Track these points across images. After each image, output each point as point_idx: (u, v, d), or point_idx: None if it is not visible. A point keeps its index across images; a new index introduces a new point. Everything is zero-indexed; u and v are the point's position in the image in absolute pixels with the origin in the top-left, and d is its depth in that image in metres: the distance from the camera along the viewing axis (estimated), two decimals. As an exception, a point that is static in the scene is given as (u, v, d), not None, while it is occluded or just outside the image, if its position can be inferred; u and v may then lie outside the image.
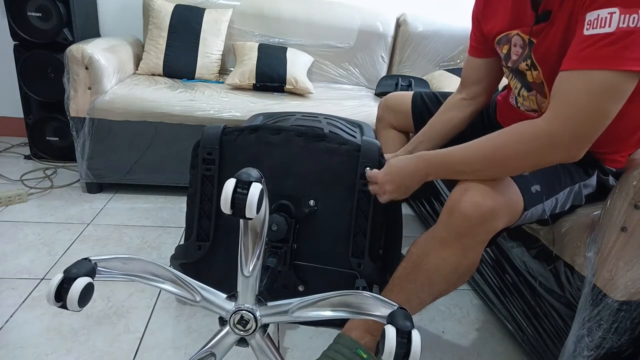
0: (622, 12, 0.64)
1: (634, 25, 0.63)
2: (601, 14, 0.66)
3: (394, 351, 0.57)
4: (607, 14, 0.65)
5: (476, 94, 1.09)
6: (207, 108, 1.68)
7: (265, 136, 1.04)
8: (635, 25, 0.63)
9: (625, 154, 0.94)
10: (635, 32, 0.63)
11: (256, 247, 0.71)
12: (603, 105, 0.68)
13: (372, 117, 1.52)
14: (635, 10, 0.63)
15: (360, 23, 2.21)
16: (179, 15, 1.98)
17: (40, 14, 1.83)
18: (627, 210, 0.76)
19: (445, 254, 0.82)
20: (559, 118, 0.70)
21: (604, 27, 0.66)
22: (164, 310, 1.16)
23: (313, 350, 1.07)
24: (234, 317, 0.74)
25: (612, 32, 0.65)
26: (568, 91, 0.70)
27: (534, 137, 0.73)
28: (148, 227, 1.58)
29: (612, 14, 0.65)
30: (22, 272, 1.25)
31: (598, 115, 0.69)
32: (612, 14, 0.65)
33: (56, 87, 1.81)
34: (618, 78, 0.66)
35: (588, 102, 0.68)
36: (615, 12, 0.64)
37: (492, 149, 0.77)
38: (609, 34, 0.65)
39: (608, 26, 0.65)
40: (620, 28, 0.64)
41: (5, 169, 1.94)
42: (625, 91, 0.67)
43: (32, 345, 1.00)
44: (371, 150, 1.02)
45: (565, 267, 0.90)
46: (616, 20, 0.64)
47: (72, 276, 0.62)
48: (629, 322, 0.82)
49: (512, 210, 0.80)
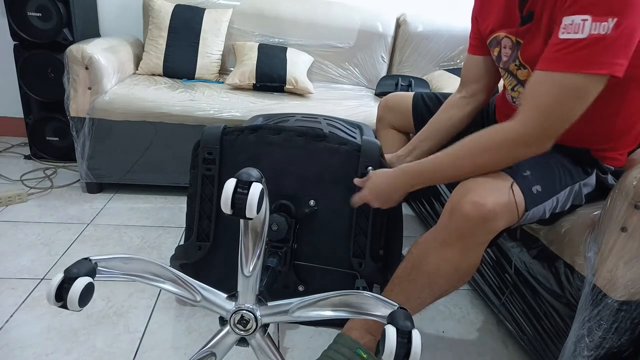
0: (594, 19, 0.68)
1: (604, 32, 0.67)
2: (575, 20, 0.69)
3: (394, 351, 0.57)
4: (581, 21, 0.69)
5: (476, 92, 1.10)
6: (207, 108, 1.68)
7: (265, 136, 1.04)
8: (605, 32, 0.67)
9: (624, 152, 0.94)
10: (605, 38, 0.67)
11: (256, 247, 0.72)
12: (569, 105, 0.72)
13: (372, 117, 1.52)
14: (605, 18, 0.67)
15: (360, 23, 2.21)
16: (179, 15, 1.98)
17: (40, 14, 1.83)
18: (627, 210, 0.76)
19: (446, 254, 0.82)
20: (529, 118, 0.75)
21: (577, 32, 0.69)
22: (164, 310, 1.16)
23: (313, 350, 1.07)
24: (234, 317, 0.74)
25: (584, 37, 0.69)
26: (538, 91, 0.75)
27: (507, 141, 0.78)
28: (148, 227, 1.57)
29: (585, 21, 0.68)
30: (22, 272, 1.25)
31: (564, 115, 0.73)
32: (585, 21, 0.68)
33: (56, 87, 1.80)
34: (585, 81, 0.70)
35: (555, 102, 0.73)
36: (588, 19, 0.68)
37: (468, 157, 0.83)
38: (580, 40, 0.69)
39: (581, 32, 0.69)
40: (591, 34, 0.68)
41: (5, 169, 1.94)
42: (591, 93, 0.72)
43: (32, 345, 1.00)
44: (371, 150, 1.02)
45: (565, 267, 0.90)
46: (588, 27, 0.68)
47: (72, 276, 0.62)
48: (629, 322, 0.82)
49: (512, 210, 0.80)
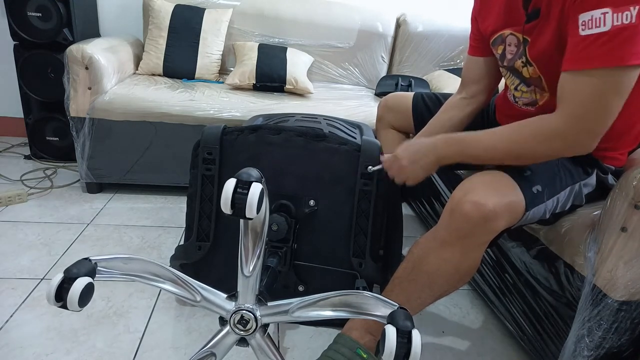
0: (615, 10, 0.66)
1: (627, 21, 0.66)
2: (595, 14, 0.68)
3: (394, 351, 0.57)
4: (601, 14, 0.68)
5: (476, 92, 1.09)
6: (207, 108, 1.68)
7: (265, 136, 1.04)
8: (629, 22, 0.66)
9: (624, 152, 0.94)
10: (629, 27, 0.66)
11: (256, 247, 0.72)
12: (607, 101, 0.71)
13: (372, 117, 1.51)
14: (627, 7, 0.66)
15: (360, 23, 2.21)
16: (179, 15, 1.98)
17: (40, 14, 1.83)
18: (627, 210, 0.76)
19: (447, 254, 0.82)
20: (569, 118, 0.74)
21: (599, 26, 0.68)
22: (164, 310, 1.16)
23: (313, 350, 1.07)
24: (234, 317, 0.74)
25: (608, 30, 0.67)
26: (573, 91, 0.74)
27: (549, 137, 0.77)
28: (148, 227, 1.57)
29: (605, 14, 0.67)
30: (22, 272, 1.25)
31: (604, 111, 0.72)
32: (605, 14, 0.67)
33: (56, 87, 1.80)
34: (618, 73, 0.69)
35: (593, 100, 0.71)
36: (608, 12, 0.67)
37: (509, 143, 0.81)
38: (604, 33, 0.68)
39: (603, 25, 0.68)
40: (615, 26, 0.67)
41: (5, 169, 1.94)
42: (627, 85, 0.70)
43: (32, 345, 1.00)
44: (371, 150, 1.02)
45: (565, 267, 0.90)
46: (610, 19, 0.67)
47: (72, 276, 0.62)
48: (629, 322, 0.82)
49: (513, 211, 0.80)
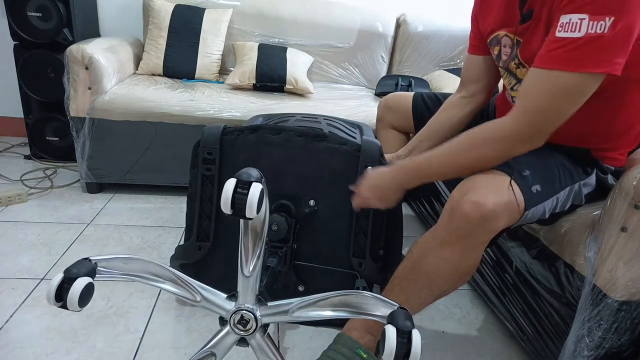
0: (591, 18, 0.67)
1: (601, 31, 0.67)
2: (573, 18, 0.69)
3: (394, 351, 0.57)
4: (578, 20, 0.69)
5: (475, 92, 1.10)
6: (207, 108, 1.68)
7: (265, 136, 1.04)
8: (602, 32, 0.67)
9: (624, 152, 0.94)
10: (601, 37, 0.67)
11: (256, 247, 0.72)
12: (560, 103, 0.73)
13: (372, 117, 1.52)
14: (603, 17, 0.67)
15: (360, 23, 2.21)
16: (179, 15, 1.98)
17: (40, 14, 1.83)
18: (627, 210, 0.76)
19: (446, 254, 0.82)
20: (523, 115, 0.76)
21: (574, 31, 0.69)
22: (164, 310, 1.16)
23: (313, 350, 1.07)
24: (234, 317, 0.74)
25: (581, 37, 0.69)
26: (533, 87, 0.76)
27: (501, 139, 0.79)
28: (148, 227, 1.57)
29: (582, 20, 0.68)
30: (22, 272, 1.25)
31: (555, 111, 0.74)
32: (582, 20, 0.68)
33: (56, 87, 1.81)
34: (579, 79, 0.71)
35: (548, 101, 0.74)
36: (585, 18, 0.68)
37: (463, 152, 0.83)
38: (576, 39, 0.69)
39: (578, 31, 0.69)
40: (588, 34, 0.68)
41: (5, 169, 1.94)
42: (585, 92, 0.72)
43: (32, 345, 1.00)
44: (371, 150, 1.02)
45: (565, 267, 0.90)
46: (585, 26, 0.68)
47: (72, 276, 0.62)
48: (629, 322, 0.82)
49: (512, 210, 0.80)
